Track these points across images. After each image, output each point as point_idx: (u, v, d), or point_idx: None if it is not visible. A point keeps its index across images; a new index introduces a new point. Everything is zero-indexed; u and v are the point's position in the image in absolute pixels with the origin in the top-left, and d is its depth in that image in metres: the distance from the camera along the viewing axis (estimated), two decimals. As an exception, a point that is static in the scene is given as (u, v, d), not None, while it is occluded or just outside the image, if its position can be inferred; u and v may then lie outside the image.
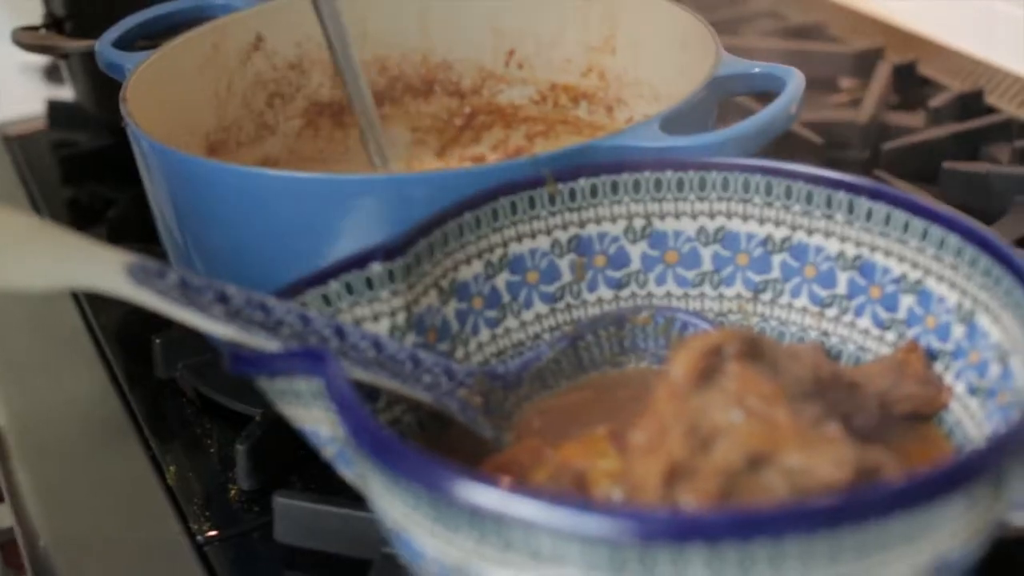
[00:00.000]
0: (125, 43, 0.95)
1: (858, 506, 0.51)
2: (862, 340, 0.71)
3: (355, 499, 0.67)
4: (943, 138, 1.07)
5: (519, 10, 1.01)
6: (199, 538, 0.75)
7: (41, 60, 1.33)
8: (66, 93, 1.27)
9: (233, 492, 0.79)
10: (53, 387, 0.91)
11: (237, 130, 0.97)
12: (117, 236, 1.02)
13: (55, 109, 1.25)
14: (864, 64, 1.22)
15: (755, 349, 0.62)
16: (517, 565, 0.52)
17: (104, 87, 0.99)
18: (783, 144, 0.89)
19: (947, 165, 1.03)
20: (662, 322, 0.73)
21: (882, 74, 1.18)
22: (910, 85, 1.19)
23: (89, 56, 0.97)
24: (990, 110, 1.14)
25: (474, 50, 1.03)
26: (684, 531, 0.50)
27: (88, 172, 1.16)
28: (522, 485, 0.61)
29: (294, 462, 0.78)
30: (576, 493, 0.61)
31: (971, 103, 1.14)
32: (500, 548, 0.52)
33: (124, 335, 0.94)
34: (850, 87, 1.21)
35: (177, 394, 0.88)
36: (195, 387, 0.86)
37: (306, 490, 0.76)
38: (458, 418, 0.67)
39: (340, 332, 0.65)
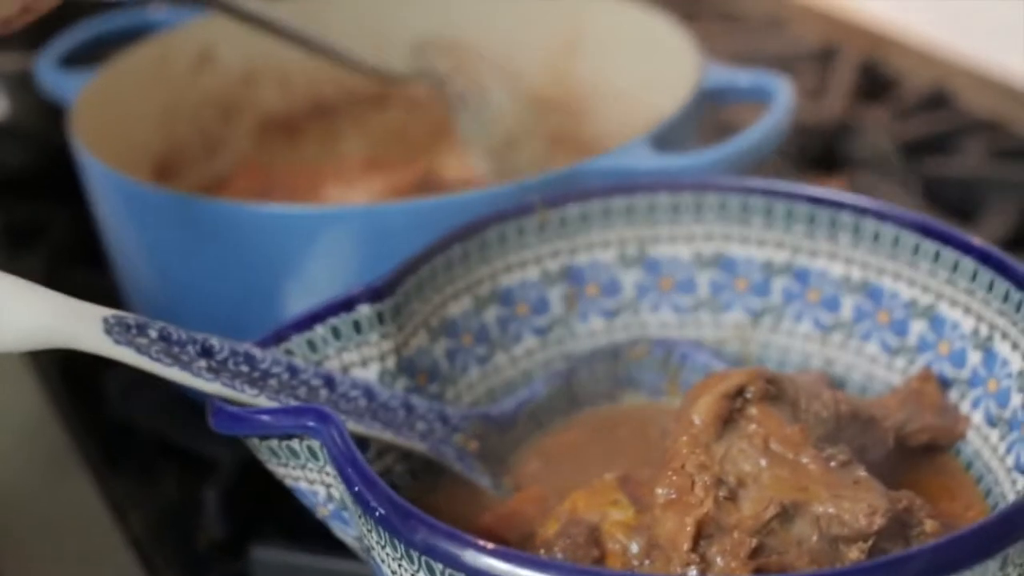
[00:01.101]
0: (63, 63, 0.91)
1: (905, 570, 0.48)
2: (869, 367, 0.68)
3: (333, 546, 0.64)
4: (912, 137, 1.05)
5: (477, 14, 0.97)
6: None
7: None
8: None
9: (202, 540, 0.75)
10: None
11: (187, 148, 0.93)
12: (58, 262, 0.98)
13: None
14: (820, 60, 1.19)
15: (776, 389, 0.59)
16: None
17: (37, 103, 0.94)
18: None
19: (919, 166, 1.01)
20: (660, 354, 0.69)
21: (842, 70, 1.15)
22: (870, 81, 1.16)
23: (21, 73, 0.93)
24: (953, 105, 1.12)
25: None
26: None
27: (18, 193, 1.10)
28: (539, 541, 0.58)
29: (268, 508, 0.74)
30: (590, 548, 0.58)
31: (935, 99, 1.12)
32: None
33: (70, 368, 0.89)
34: (807, 84, 1.18)
35: (131, 433, 0.84)
36: (152, 427, 0.82)
37: (281, 536, 0.72)
38: (455, 467, 0.64)
39: (330, 382, 0.61)
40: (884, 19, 1.25)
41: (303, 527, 0.69)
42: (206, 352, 0.58)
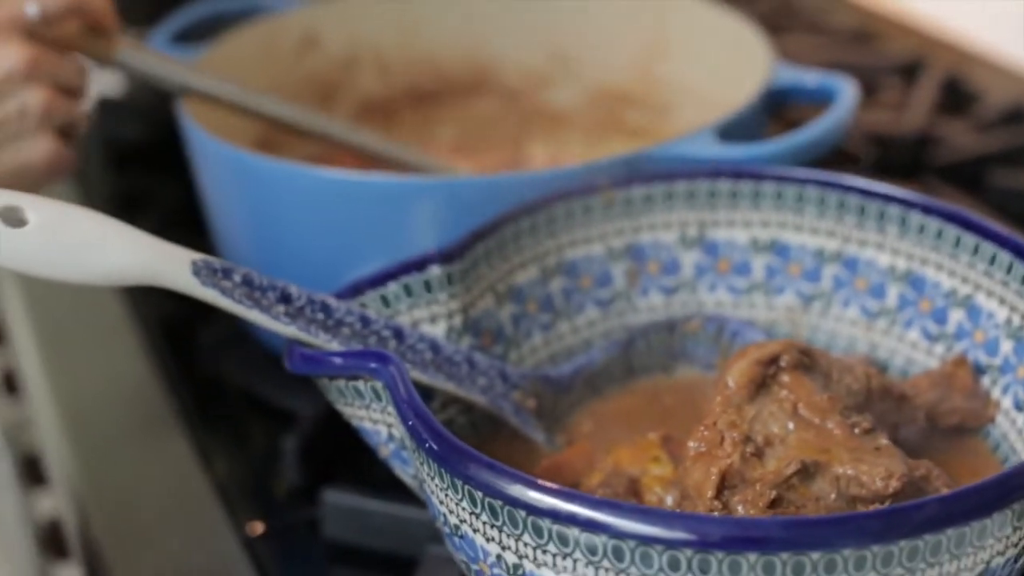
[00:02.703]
0: (175, 40, 0.97)
1: (910, 518, 0.52)
2: (910, 353, 0.72)
3: (402, 495, 0.69)
4: (989, 149, 1.08)
5: (570, 13, 1.02)
6: (246, 531, 0.76)
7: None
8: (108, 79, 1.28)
9: (280, 487, 0.80)
10: (98, 379, 0.92)
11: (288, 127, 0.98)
12: (164, 228, 1.02)
13: (104, 106, 1.25)
14: (906, 72, 1.22)
15: (809, 360, 0.63)
16: (574, 567, 0.53)
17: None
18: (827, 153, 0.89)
19: (995, 177, 1.04)
20: (713, 330, 0.74)
21: (926, 83, 1.18)
22: (952, 95, 1.19)
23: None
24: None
25: (525, 52, 1.03)
26: (741, 539, 0.51)
27: (131, 163, 1.16)
28: (583, 491, 0.62)
29: (341, 458, 0.79)
30: (628, 497, 0.62)
31: (1014, 114, 1.14)
32: (559, 550, 0.53)
33: (169, 328, 0.94)
34: (893, 96, 1.21)
35: (221, 389, 0.89)
36: (239, 382, 0.88)
37: (351, 483, 0.76)
38: (511, 421, 0.68)
39: (399, 333, 0.66)
40: (971, 36, 1.28)
41: (371, 476, 0.74)
42: (285, 298, 0.63)
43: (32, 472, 1.05)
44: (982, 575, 0.54)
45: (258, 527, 0.76)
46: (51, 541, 0.99)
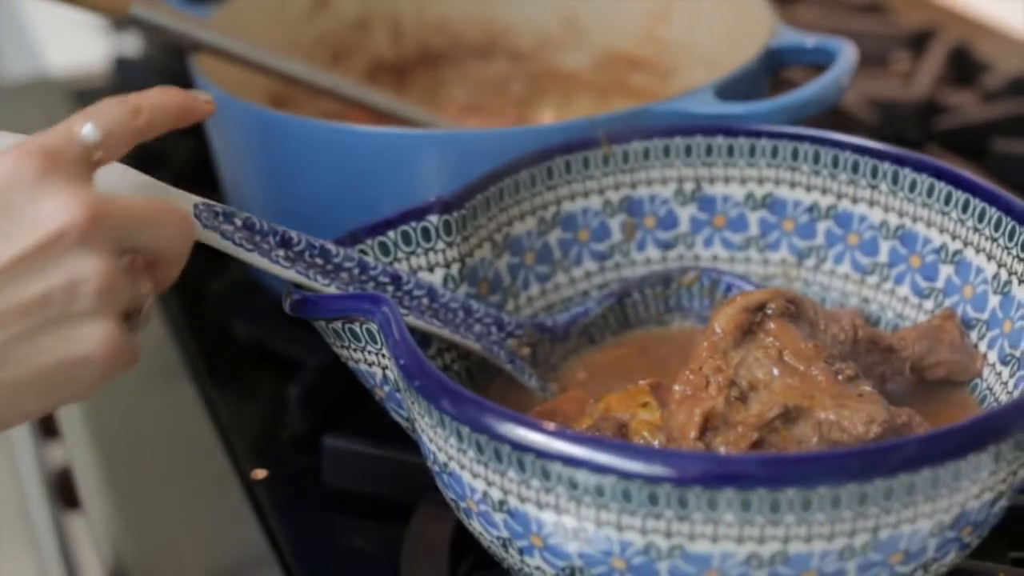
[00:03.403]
0: (190, -1, 0.98)
1: (886, 458, 0.53)
2: (901, 307, 0.73)
3: (400, 443, 0.70)
4: (993, 117, 1.09)
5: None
6: (250, 477, 0.78)
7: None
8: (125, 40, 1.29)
9: (284, 434, 0.81)
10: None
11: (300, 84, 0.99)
12: (179, 186, 1.04)
13: (121, 65, 1.27)
14: (917, 42, 1.23)
15: (796, 309, 0.65)
16: (557, 503, 0.55)
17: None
18: (834, 119, 0.90)
19: (996, 144, 1.05)
20: (708, 283, 0.75)
21: (935, 53, 1.19)
22: (962, 64, 1.20)
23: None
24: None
25: (535, 15, 1.05)
26: (718, 474, 0.52)
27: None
28: (566, 427, 0.64)
29: (344, 407, 0.80)
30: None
31: (1020, 85, 1.15)
32: (542, 485, 0.54)
33: (178, 280, 0.96)
34: (902, 66, 1.22)
35: (229, 339, 0.90)
36: (247, 333, 0.89)
37: (350, 430, 0.78)
38: (505, 367, 0.70)
39: (396, 279, 0.67)
40: (981, 7, 1.29)
41: (371, 425, 0.75)
42: (285, 243, 0.65)
43: (46, 425, 1.06)
44: (959, 517, 0.55)
45: (261, 473, 0.78)
46: (62, 490, 1.00)
